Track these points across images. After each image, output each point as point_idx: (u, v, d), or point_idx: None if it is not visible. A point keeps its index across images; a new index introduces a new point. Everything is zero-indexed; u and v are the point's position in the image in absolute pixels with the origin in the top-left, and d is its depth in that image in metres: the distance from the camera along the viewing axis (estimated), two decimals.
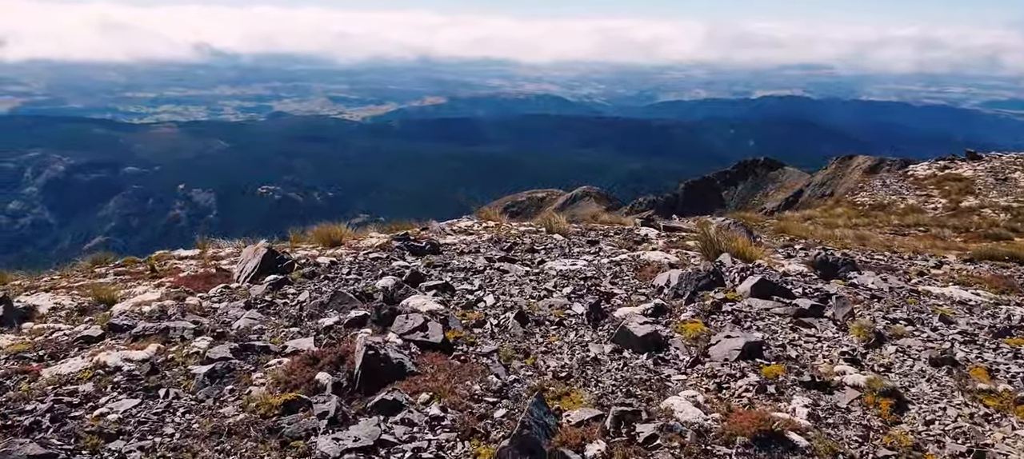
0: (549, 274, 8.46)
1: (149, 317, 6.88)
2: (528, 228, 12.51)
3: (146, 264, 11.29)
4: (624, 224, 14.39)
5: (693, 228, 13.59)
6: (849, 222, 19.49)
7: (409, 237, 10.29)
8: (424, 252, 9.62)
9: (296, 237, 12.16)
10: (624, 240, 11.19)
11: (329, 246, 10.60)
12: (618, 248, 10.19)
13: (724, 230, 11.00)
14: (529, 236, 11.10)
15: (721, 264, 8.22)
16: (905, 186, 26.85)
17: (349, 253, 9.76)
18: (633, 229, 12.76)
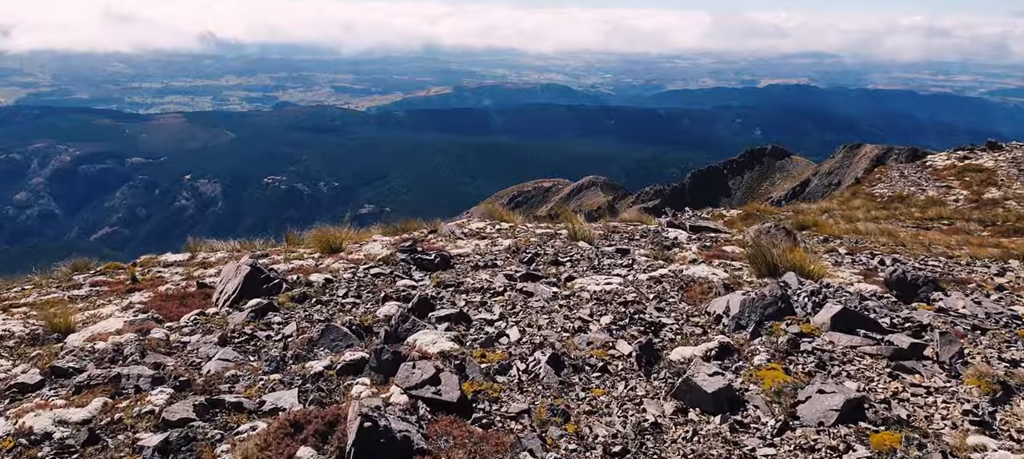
0: (581, 297, 7.15)
1: (102, 358, 5.66)
2: (546, 230, 11.25)
3: (128, 271, 10.28)
4: (645, 223, 13.27)
5: (722, 227, 12.35)
6: (868, 215, 18.38)
7: (416, 248, 8.93)
8: (433, 267, 8.42)
9: (293, 239, 11.25)
10: (654, 246, 10.01)
11: (327, 253, 9.59)
12: (652, 259, 8.88)
13: (766, 235, 9.77)
14: (550, 243, 9.82)
15: (785, 285, 6.91)
16: (924, 177, 25.60)
17: (347, 267, 8.53)
18: (659, 231, 11.54)
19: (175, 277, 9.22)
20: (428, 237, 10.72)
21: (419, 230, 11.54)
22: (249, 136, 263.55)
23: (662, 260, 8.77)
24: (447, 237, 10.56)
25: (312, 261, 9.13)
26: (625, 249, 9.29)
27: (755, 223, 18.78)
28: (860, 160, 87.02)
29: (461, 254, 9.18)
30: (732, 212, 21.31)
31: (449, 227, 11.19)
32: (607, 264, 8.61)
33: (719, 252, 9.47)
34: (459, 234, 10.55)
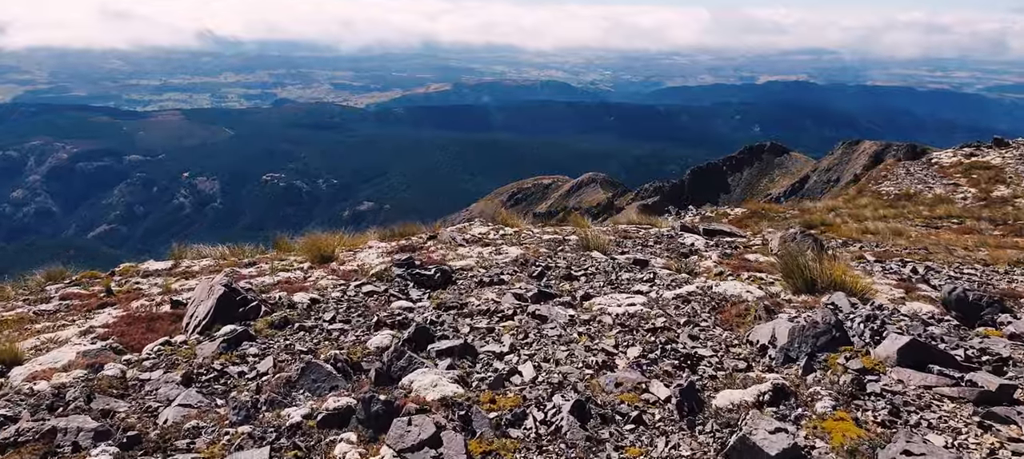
0: (602, 322, 6.22)
1: (39, 403, 4.77)
2: (554, 237, 10.29)
3: (104, 282, 9.42)
4: (656, 225, 12.47)
5: (737, 230, 11.46)
6: (876, 213, 18.00)
7: (413, 261, 7.97)
8: (433, 283, 7.51)
9: (283, 246, 10.60)
10: (670, 253, 9.23)
11: (318, 262, 8.75)
12: (674, 272, 7.99)
13: (792, 243, 8.87)
14: (561, 254, 8.96)
15: (835, 307, 6.02)
16: (931, 175, 25.22)
17: (337, 284, 7.60)
18: (673, 236, 10.71)
19: (153, 290, 8.42)
20: (427, 244, 9.84)
21: (418, 235, 10.69)
22: (248, 133, 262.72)
23: (685, 273, 7.89)
24: (448, 244, 9.73)
25: (300, 273, 8.25)
26: (643, 260, 8.42)
27: (762, 222, 17.72)
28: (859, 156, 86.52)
29: (463, 266, 8.26)
30: (736, 211, 20.79)
31: (450, 233, 10.26)
32: (626, 278, 7.75)
33: (743, 262, 8.68)
34: (460, 240, 9.69)
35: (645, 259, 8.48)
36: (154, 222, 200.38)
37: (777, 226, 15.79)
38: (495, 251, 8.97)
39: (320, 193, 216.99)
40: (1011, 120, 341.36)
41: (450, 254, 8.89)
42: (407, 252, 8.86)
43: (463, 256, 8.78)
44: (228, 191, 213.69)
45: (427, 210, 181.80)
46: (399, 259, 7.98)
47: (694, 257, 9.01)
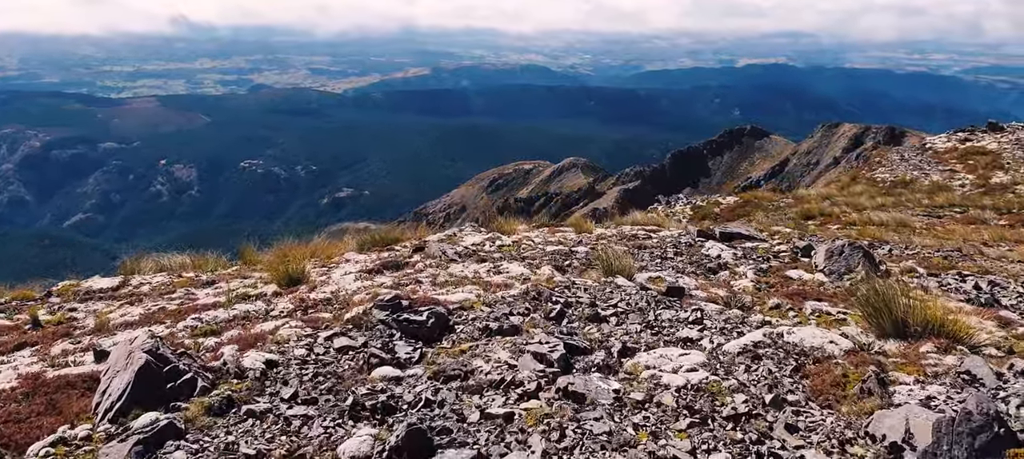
0: (661, 403, 4.59)
1: None
2: (558, 247, 8.87)
3: (30, 312, 7.63)
4: (663, 226, 11.29)
5: (754, 232, 10.17)
6: (874, 202, 17.48)
7: (400, 301, 6.04)
8: (424, 333, 5.70)
9: (250, 258, 9.14)
10: (697, 268, 8.06)
11: (285, 286, 7.24)
12: (722, 305, 6.47)
13: (840, 258, 7.70)
14: (574, 271, 7.64)
15: (970, 376, 4.64)
16: (925, 160, 24.87)
17: (303, 336, 5.69)
18: (693, 244, 9.45)
19: (88, 320, 6.86)
20: (413, 259, 8.22)
21: (402, 243, 9.24)
22: (224, 120, 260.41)
23: (735, 307, 6.34)
24: (437, 260, 8.10)
25: (262, 305, 6.62)
26: (677, 287, 6.81)
27: (757, 212, 17.38)
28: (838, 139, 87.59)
29: (461, 302, 6.38)
30: (729, 199, 20.44)
31: (439, 245, 8.56)
32: (666, 319, 6.08)
33: (785, 281, 7.44)
34: (452, 254, 8.13)
35: (679, 285, 6.92)
36: (131, 211, 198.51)
37: (772, 216, 15.56)
38: (494, 269, 7.48)
39: (298, 180, 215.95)
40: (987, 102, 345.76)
41: (441, 274, 7.29)
42: (391, 270, 7.44)
43: (457, 280, 7.16)
44: (205, 178, 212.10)
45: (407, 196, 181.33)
46: (382, 302, 5.91)
47: (725, 273, 7.87)
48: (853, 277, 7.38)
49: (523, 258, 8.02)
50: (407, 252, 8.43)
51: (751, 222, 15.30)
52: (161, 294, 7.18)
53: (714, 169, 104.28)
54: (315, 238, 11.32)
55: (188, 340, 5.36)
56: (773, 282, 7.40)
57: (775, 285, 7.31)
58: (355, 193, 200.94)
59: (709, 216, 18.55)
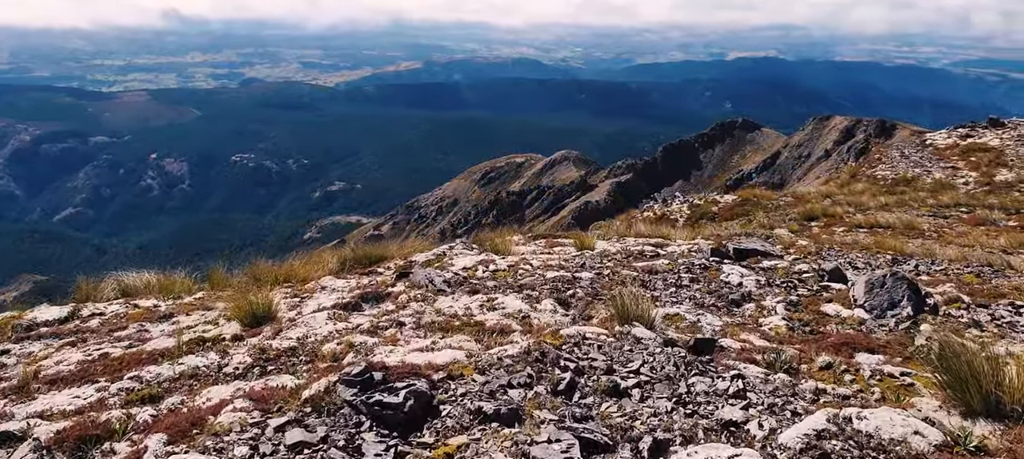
0: None
1: None
2: (560, 272, 7.75)
3: None
4: (669, 238, 10.10)
5: (770, 248, 9.07)
6: (877, 201, 16.90)
7: (372, 374, 4.56)
8: (401, 420, 4.23)
9: (218, 281, 7.97)
10: (717, 300, 7.07)
11: (249, 326, 6.13)
12: (764, 366, 5.18)
13: (881, 290, 6.74)
14: (590, 323, 6.07)
15: None
16: (926, 157, 24.35)
17: (247, 425, 4.21)
18: (708, 266, 8.28)
19: (16, 370, 5.67)
20: (395, 289, 7.04)
21: (386, 264, 8.13)
22: (216, 114, 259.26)
23: (780, 369, 5.13)
24: (423, 291, 6.96)
25: (216, 358, 5.46)
26: (706, 341, 5.56)
27: (757, 211, 17.01)
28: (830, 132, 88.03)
29: (448, 368, 4.89)
30: (727, 198, 19.85)
31: (426, 272, 7.38)
32: (701, 392, 4.70)
33: (823, 322, 6.53)
34: (440, 283, 7.02)
35: (708, 337, 5.74)
36: (121, 205, 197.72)
37: (773, 217, 15.33)
38: (488, 303, 6.40)
39: (290, 173, 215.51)
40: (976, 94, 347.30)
41: (427, 312, 6.12)
42: (370, 304, 6.44)
43: (445, 321, 5.91)
44: (197, 172, 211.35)
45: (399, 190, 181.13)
46: (348, 378, 4.48)
47: (750, 307, 6.86)
48: (898, 314, 6.40)
49: (520, 287, 6.96)
50: (390, 277, 7.35)
51: (751, 222, 15.04)
52: (111, 330, 6.11)
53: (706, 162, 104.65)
54: (305, 236, 11.19)
55: (117, 413, 4.39)
56: (807, 319, 6.42)
57: (810, 322, 6.35)
58: (347, 186, 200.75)
59: (707, 215, 18.45)
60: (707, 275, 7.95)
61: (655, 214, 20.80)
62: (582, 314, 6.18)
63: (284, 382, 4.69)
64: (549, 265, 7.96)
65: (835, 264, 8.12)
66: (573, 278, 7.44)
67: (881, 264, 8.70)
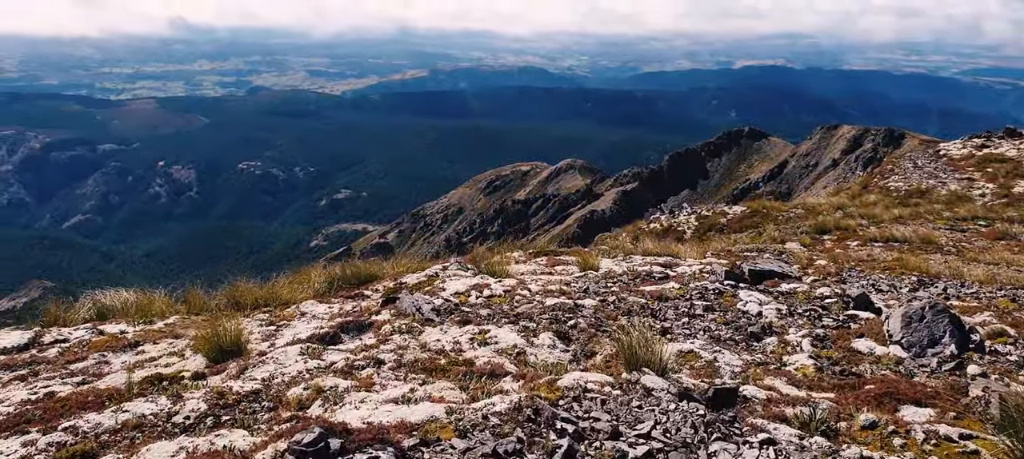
0: None
1: None
2: (561, 299, 6.92)
3: None
4: (679, 256, 9.28)
5: (786, 269, 8.24)
6: (891, 213, 16.21)
7: (328, 442, 3.54)
8: None
9: (196, 302, 7.11)
10: (735, 333, 6.28)
11: (214, 360, 5.43)
12: (797, 427, 4.32)
13: (919, 324, 5.99)
14: (594, 367, 5.17)
15: None
16: (941, 168, 23.55)
17: None
18: (722, 291, 7.39)
19: None
20: (379, 317, 6.20)
21: (373, 287, 7.44)
22: (223, 121, 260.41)
23: (816, 432, 4.23)
24: (409, 321, 6.07)
25: (167, 403, 4.63)
26: (727, 391, 4.64)
27: (767, 223, 16.39)
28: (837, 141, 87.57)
29: (422, 431, 3.91)
30: (735, 209, 19.30)
31: (413, 300, 6.46)
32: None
33: (856, 360, 5.68)
34: (429, 311, 6.20)
35: (729, 383, 4.89)
36: (130, 212, 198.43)
37: (783, 229, 14.95)
38: (479, 337, 5.61)
39: (297, 181, 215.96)
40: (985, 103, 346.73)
41: (411, 346, 5.41)
42: (350, 335, 5.71)
43: (429, 360, 5.14)
44: (204, 180, 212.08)
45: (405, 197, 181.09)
46: (299, 443, 3.48)
47: (771, 341, 6.10)
48: (941, 353, 5.72)
49: (516, 316, 6.19)
50: (376, 302, 6.68)
51: (761, 235, 14.64)
52: (69, 361, 5.48)
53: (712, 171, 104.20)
54: (311, 243, 10.62)
55: None
56: (837, 357, 5.63)
57: (840, 361, 5.55)
58: (353, 194, 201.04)
59: (715, 227, 18.00)
60: (722, 302, 7.10)
61: (662, 225, 20.24)
62: (584, 350, 5.39)
63: (233, 441, 3.90)
64: (549, 290, 7.13)
65: (860, 289, 7.38)
66: (575, 306, 6.62)
67: (906, 286, 7.97)
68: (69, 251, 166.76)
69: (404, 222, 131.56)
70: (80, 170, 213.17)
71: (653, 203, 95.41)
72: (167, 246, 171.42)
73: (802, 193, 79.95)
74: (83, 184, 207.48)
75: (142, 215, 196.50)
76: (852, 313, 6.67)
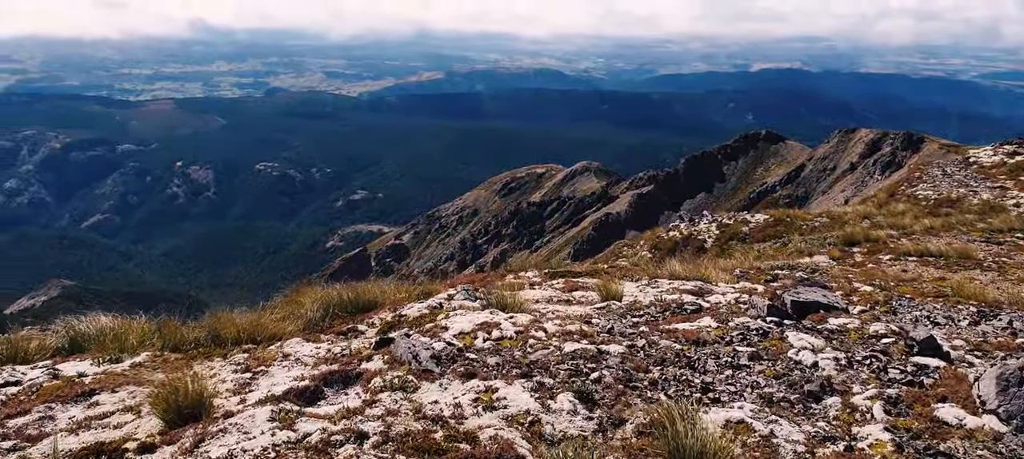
0: None
1: None
2: (583, 343, 5.66)
3: None
4: (709, 280, 8.15)
5: (834, 300, 7.14)
6: (921, 224, 15.35)
7: None
8: None
9: (171, 331, 6.21)
10: (791, 391, 5.13)
11: (171, 423, 4.53)
12: None
13: (1015, 390, 4.89)
14: (625, 436, 4.39)
15: None
16: (971, 176, 22.80)
17: None
18: (767, 332, 6.17)
19: None
20: (371, 364, 5.22)
21: (371, 314, 6.68)
22: (240, 122, 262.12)
23: None
24: (404, 372, 5.02)
25: None
26: None
27: (791, 234, 15.80)
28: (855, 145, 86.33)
29: None
30: (758, 217, 18.75)
31: (410, 345, 5.34)
32: None
33: (944, 434, 4.54)
34: (427, 359, 5.16)
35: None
36: (148, 212, 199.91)
37: (809, 240, 14.33)
38: (485, 396, 4.72)
39: (314, 182, 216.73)
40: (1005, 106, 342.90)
41: (402, 412, 4.49)
42: (334, 389, 4.91)
43: (421, 444, 4.13)
44: (221, 180, 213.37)
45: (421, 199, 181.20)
46: None
47: (834, 403, 5.02)
48: None
49: (530, 366, 5.14)
50: (369, 342, 5.66)
51: (787, 246, 14.05)
52: (10, 414, 4.67)
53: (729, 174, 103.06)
54: (327, 244, 10.05)
55: None
56: (919, 429, 4.52)
57: (922, 434, 4.46)
58: (369, 195, 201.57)
59: (737, 236, 17.54)
60: (769, 347, 5.92)
61: (681, 234, 19.80)
62: (611, 417, 4.41)
63: None
64: (567, 331, 5.92)
65: (915, 322, 6.45)
66: (598, 353, 5.47)
67: (965, 319, 6.71)
68: (88, 250, 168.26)
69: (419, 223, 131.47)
70: (99, 170, 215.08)
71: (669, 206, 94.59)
72: (184, 246, 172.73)
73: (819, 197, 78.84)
74: (102, 184, 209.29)
75: (160, 215, 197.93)
76: (920, 362, 5.56)
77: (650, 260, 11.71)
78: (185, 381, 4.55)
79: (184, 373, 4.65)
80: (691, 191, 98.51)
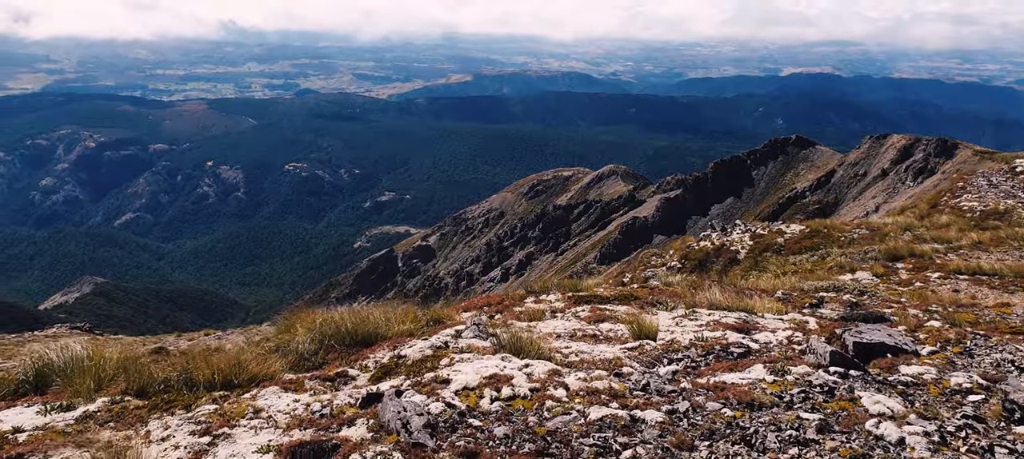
0: None
1: None
2: (609, 413, 4.41)
3: None
4: (760, 314, 7.12)
5: (902, 341, 5.87)
6: (967, 237, 14.32)
7: None
8: None
9: (136, 375, 5.23)
10: None
11: None
12: None
13: None
14: None
15: None
16: (1018, 186, 21.88)
17: None
18: (833, 391, 4.91)
19: None
20: (352, 437, 4.16)
21: (366, 357, 5.86)
22: (270, 123, 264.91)
23: None
24: (391, 448, 3.98)
25: None
26: None
27: (830, 247, 15.16)
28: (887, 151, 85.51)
29: None
30: (793, 228, 18.07)
31: (400, 411, 4.28)
32: None
33: None
34: (418, 432, 4.07)
35: None
36: (178, 211, 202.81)
37: (849, 254, 13.74)
38: None
39: (342, 183, 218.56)
40: None
41: None
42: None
43: None
44: (251, 180, 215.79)
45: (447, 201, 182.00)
46: None
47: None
48: None
49: (546, 439, 4.04)
50: (356, 397, 4.72)
51: (826, 260, 13.34)
52: None
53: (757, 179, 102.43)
54: (355, 244, 9.96)
55: None
56: None
57: None
58: (397, 197, 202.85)
59: (772, 247, 17.02)
60: (839, 412, 4.62)
61: (713, 244, 19.00)
62: None
63: None
64: (593, 389, 4.73)
65: (998, 368, 5.28)
66: (631, 421, 4.33)
67: None
68: (120, 248, 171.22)
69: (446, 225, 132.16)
70: (132, 169, 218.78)
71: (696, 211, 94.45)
72: (214, 244, 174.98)
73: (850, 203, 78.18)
74: (135, 183, 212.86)
75: (190, 214, 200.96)
76: (1013, 423, 4.35)
77: (682, 281, 11.19)
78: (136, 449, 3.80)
79: (132, 439, 4.01)
80: (719, 196, 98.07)
